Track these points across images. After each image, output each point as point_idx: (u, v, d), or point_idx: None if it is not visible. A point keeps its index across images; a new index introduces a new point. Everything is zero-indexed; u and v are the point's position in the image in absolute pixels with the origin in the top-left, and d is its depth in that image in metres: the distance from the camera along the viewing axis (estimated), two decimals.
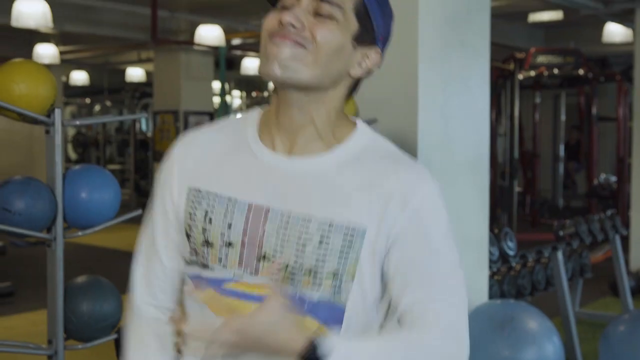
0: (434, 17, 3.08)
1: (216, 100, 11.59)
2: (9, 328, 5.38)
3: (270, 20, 1.13)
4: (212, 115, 10.72)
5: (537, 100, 10.21)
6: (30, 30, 7.02)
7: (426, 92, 3.05)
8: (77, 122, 2.49)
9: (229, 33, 8.30)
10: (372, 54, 1.17)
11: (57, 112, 2.12)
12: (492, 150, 6.66)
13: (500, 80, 8.83)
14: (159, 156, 10.56)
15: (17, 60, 2.12)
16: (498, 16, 3.84)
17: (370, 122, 3.11)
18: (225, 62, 7.97)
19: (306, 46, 1.09)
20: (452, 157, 3.20)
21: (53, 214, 2.13)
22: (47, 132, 2.13)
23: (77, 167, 2.24)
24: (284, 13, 1.10)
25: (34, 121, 2.09)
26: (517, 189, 9.00)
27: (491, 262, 3.54)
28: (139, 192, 12.22)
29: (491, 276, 3.60)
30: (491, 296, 3.54)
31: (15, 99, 1.99)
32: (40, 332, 5.06)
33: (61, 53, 9.75)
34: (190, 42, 8.30)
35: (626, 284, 4.88)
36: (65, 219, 2.18)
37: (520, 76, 8.96)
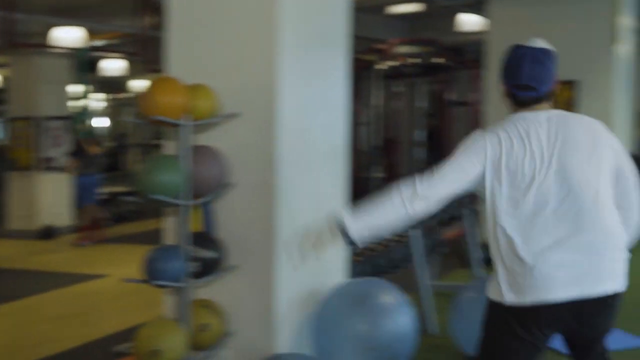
0: (293, 11, 3.16)
1: (73, 104, 10.97)
2: None
3: None
4: (69, 119, 10.16)
5: (399, 89, 10.58)
6: None
7: (285, 84, 3.12)
8: None
9: (88, 34, 8.08)
10: None
11: None
12: (355, 139, 6.88)
13: (363, 72, 9.09)
14: (16, 165, 9.83)
15: None
16: (357, 9, 4.04)
17: (231, 116, 3.14)
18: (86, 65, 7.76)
19: None
20: (311, 147, 3.32)
21: None
22: None
23: None
24: None
25: None
26: (380, 175, 9.25)
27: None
28: None
29: (352, 258, 3.78)
30: (353, 277, 3.72)
31: None
32: None
33: None
34: (46, 44, 8.01)
35: (476, 255, 5.25)
36: None
37: (382, 66, 9.27)
